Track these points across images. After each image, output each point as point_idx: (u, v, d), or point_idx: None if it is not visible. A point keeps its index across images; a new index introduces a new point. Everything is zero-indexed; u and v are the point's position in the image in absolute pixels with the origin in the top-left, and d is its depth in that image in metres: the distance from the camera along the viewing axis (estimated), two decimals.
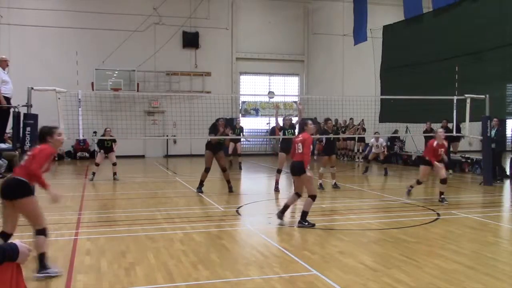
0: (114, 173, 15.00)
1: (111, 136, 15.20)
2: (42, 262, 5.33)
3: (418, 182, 11.04)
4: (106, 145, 15.12)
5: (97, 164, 15.15)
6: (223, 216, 9.18)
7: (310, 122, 8.60)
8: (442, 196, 10.52)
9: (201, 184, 11.99)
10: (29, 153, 5.52)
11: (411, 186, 11.19)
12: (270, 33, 26.46)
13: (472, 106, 13.93)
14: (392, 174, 16.85)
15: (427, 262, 5.94)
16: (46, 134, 5.56)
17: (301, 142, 8.13)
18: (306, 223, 7.99)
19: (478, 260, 6.08)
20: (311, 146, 8.32)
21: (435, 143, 10.61)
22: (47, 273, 5.33)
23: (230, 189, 12.03)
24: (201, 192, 11.80)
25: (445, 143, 11.04)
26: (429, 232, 7.71)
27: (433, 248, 6.70)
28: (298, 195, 8.28)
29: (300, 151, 8.12)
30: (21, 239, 4.24)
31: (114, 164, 15.13)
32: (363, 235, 7.53)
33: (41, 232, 5.35)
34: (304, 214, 8.05)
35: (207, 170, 11.98)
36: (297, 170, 8.10)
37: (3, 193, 5.23)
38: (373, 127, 20.48)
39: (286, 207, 8.34)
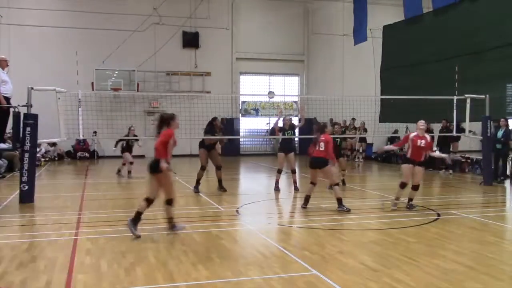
0: (129, 172, 15.31)
1: (134, 135, 15.37)
2: (171, 223, 7.30)
3: (402, 185, 9.52)
4: (130, 144, 15.31)
5: (132, 163, 15.34)
6: (223, 216, 9.17)
7: (328, 124, 10.19)
8: (411, 203, 9.52)
9: (198, 183, 11.94)
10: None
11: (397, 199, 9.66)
12: (270, 33, 26.45)
13: (472, 106, 13.92)
14: (392, 174, 16.85)
15: (427, 262, 5.93)
16: (170, 118, 7.24)
17: (323, 142, 9.35)
18: (345, 208, 9.14)
19: (478, 260, 6.08)
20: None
21: (412, 135, 9.61)
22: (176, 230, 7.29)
23: (221, 188, 11.99)
24: (198, 191, 11.77)
25: (427, 136, 9.57)
26: (429, 232, 7.70)
27: (433, 248, 6.69)
28: (314, 184, 9.52)
29: (322, 149, 9.33)
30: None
31: (131, 163, 15.35)
32: (363, 235, 7.53)
33: (169, 201, 7.22)
34: (340, 200, 9.23)
35: (203, 168, 11.96)
36: (319, 164, 9.37)
37: (150, 168, 7.10)
38: (373, 127, 20.48)
39: (307, 197, 9.51)
